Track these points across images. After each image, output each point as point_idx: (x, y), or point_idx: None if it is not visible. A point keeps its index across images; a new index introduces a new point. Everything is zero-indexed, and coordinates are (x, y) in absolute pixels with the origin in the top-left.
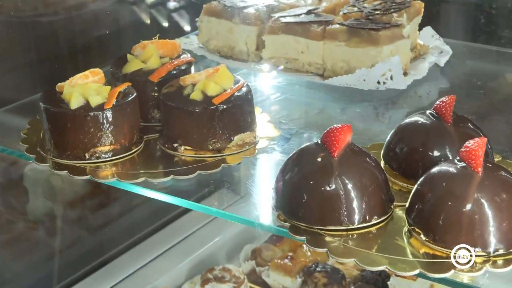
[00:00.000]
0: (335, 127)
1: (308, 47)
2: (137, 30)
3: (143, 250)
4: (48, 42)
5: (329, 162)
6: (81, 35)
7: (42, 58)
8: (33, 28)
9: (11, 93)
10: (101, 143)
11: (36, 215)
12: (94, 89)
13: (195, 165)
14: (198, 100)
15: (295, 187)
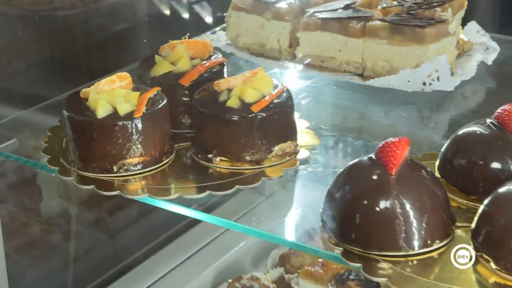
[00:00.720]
0: (392, 141)
1: (346, 45)
2: (158, 24)
3: (165, 256)
4: (64, 38)
5: (386, 180)
6: (98, 30)
7: (57, 55)
8: (48, 23)
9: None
10: (130, 154)
11: (50, 215)
12: (122, 96)
13: (232, 179)
14: (235, 108)
15: (348, 207)
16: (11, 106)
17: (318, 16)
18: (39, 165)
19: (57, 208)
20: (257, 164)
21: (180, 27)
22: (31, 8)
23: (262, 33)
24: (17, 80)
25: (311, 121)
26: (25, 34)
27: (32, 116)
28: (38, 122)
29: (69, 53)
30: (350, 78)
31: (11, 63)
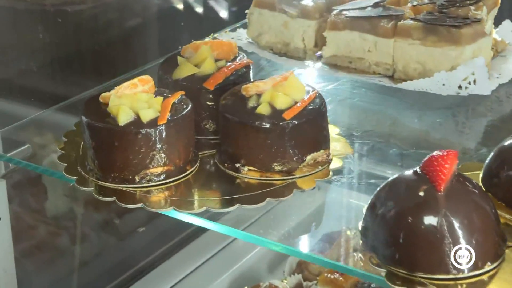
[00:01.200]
0: (439, 154)
1: (376, 45)
2: (172, 20)
3: (177, 262)
4: (76, 34)
5: (433, 197)
6: (111, 25)
7: (71, 52)
8: (56, 19)
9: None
10: (154, 164)
11: (56, 216)
12: (144, 101)
13: (263, 191)
14: (265, 115)
15: (392, 225)
16: (22, 104)
17: (346, 14)
18: (55, 174)
19: (63, 208)
20: (288, 175)
21: (195, 23)
22: (41, 2)
23: (286, 32)
24: (28, 77)
25: (341, 126)
26: (34, 30)
27: (45, 119)
28: (51, 125)
29: (82, 50)
30: (379, 80)
31: (21, 60)
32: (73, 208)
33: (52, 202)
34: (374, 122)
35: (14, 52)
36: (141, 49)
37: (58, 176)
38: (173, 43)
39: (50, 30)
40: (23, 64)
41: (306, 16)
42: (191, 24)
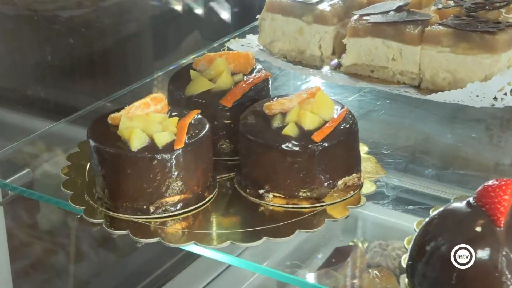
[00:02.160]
0: (496, 184)
1: (401, 53)
2: (173, 23)
3: (183, 281)
4: (69, 41)
5: (492, 233)
6: (109, 32)
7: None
8: (51, 24)
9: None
10: (170, 192)
11: (50, 231)
12: (158, 123)
13: (291, 221)
14: (293, 136)
15: (443, 264)
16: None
17: (368, 19)
18: (61, 204)
19: (57, 222)
20: (317, 202)
21: (199, 27)
22: (34, 7)
23: (301, 38)
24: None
25: (369, 144)
26: (28, 35)
27: (45, 138)
28: (53, 145)
29: (83, 58)
30: (405, 90)
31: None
32: (67, 221)
33: (45, 215)
34: (403, 137)
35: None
36: (143, 56)
37: (64, 206)
38: (177, 48)
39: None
40: (21, 75)
41: (323, 22)
42: (195, 28)
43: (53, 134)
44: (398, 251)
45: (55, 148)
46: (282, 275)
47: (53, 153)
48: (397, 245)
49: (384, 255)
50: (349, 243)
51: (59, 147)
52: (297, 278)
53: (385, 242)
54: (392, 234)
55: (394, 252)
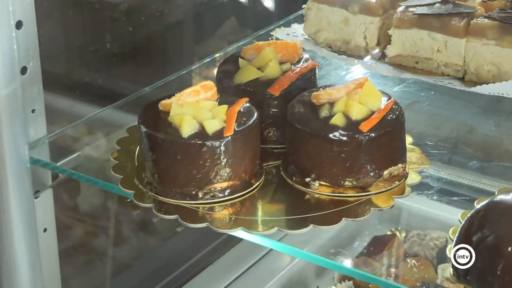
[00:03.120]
0: None
1: (446, 45)
2: (217, 11)
3: (222, 267)
4: (118, 27)
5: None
6: (154, 19)
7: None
8: (98, 10)
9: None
10: (218, 178)
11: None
12: (208, 110)
13: (337, 209)
14: (340, 126)
15: (490, 253)
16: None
17: (414, 11)
18: (111, 187)
19: (98, 206)
20: (362, 191)
21: (241, 15)
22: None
23: (346, 29)
24: (72, 73)
25: (413, 135)
26: (75, 20)
27: (94, 123)
28: (102, 130)
29: (128, 44)
30: (449, 82)
31: (64, 57)
32: (107, 205)
33: (86, 199)
34: (447, 129)
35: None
36: (187, 43)
37: (114, 190)
38: (221, 36)
39: (94, 24)
40: (68, 61)
41: (369, 12)
42: (240, 16)
43: (100, 119)
44: (436, 241)
45: (104, 133)
46: (324, 261)
47: (102, 138)
48: (435, 235)
49: (422, 244)
50: (387, 232)
51: (107, 132)
52: (337, 263)
53: (423, 232)
54: (432, 225)
55: (432, 242)
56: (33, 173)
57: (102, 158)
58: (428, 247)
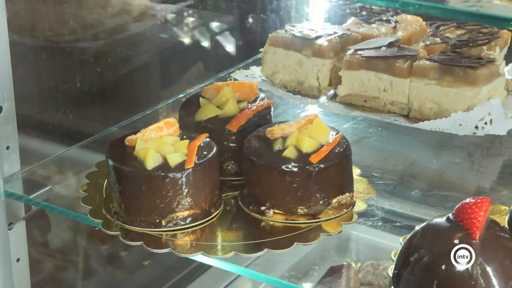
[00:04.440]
0: (472, 202)
1: (392, 85)
2: (181, 55)
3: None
4: (88, 70)
5: (468, 246)
6: (124, 62)
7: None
8: (68, 54)
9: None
10: (180, 208)
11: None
12: (171, 144)
13: (290, 235)
14: (292, 158)
15: (425, 273)
16: (40, 141)
17: (361, 54)
18: (80, 217)
19: (68, 241)
20: (313, 218)
21: (205, 59)
22: (53, 39)
23: (300, 71)
24: (45, 115)
25: (361, 167)
26: (47, 64)
27: (65, 159)
28: (72, 165)
29: (97, 86)
30: (395, 119)
31: (37, 98)
32: (77, 241)
33: (56, 235)
34: (393, 162)
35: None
36: (153, 85)
37: (82, 219)
38: (186, 78)
39: (66, 67)
40: (40, 101)
41: (321, 55)
42: (202, 59)
43: (70, 156)
44: (389, 270)
45: (74, 168)
46: (283, 283)
47: (72, 172)
48: (388, 265)
49: (376, 274)
50: (343, 262)
51: (77, 167)
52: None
53: (377, 262)
54: (382, 254)
55: (385, 271)
56: (7, 206)
57: (72, 191)
58: (381, 276)
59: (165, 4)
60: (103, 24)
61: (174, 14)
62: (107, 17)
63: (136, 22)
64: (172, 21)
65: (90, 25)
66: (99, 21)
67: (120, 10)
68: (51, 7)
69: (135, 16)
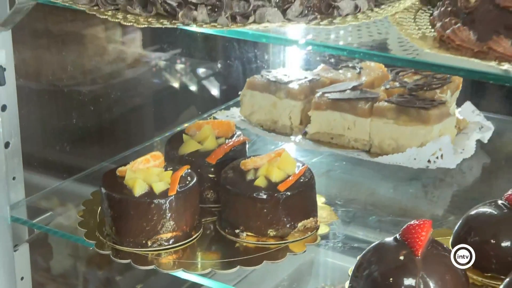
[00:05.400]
0: (416, 223)
1: (355, 124)
2: (171, 97)
3: None
4: (85, 111)
5: (412, 261)
6: (119, 104)
7: (83, 127)
8: (68, 97)
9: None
10: (164, 230)
11: (61, 274)
12: (156, 175)
13: (260, 254)
14: (262, 187)
15: (375, 285)
16: (43, 174)
17: (328, 96)
18: (76, 239)
19: (68, 266)
20: (281, 240)
21: (192, 101)
22: (55, 83)
23: (275, 111)
24: (47, 151)
25: (326, 196)
26: (49, 105)
27: (65, 189)
28: (70, 195)
29: (94, 125)
30: (358, 154)
31: (40, 134)
32: (76, 266)
33: (58, 261)
34: (354, 192)
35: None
36: (147, 125)
37: (79, 240)
38: (174, 118)
39: (66, 108)
40: (43, 138)
41: (293, 98)
42: (189, 101)
43: (67, 187)
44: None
45: (72, 197)
46: None
47: (70, 200)
48: None
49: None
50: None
51: (75, 196)
52: None
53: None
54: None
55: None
56: (13, 230)
57: (70, 217)
58: None
59: (157, 53)
60: (100, 70)
61: (165, 61)
62: (104, 64)
63: (130, 68)
64: (163, 67)
65: (88, 71)
66: (96, 67)
67: (116, 58)
68: (54, 55)
69: (129, 63)
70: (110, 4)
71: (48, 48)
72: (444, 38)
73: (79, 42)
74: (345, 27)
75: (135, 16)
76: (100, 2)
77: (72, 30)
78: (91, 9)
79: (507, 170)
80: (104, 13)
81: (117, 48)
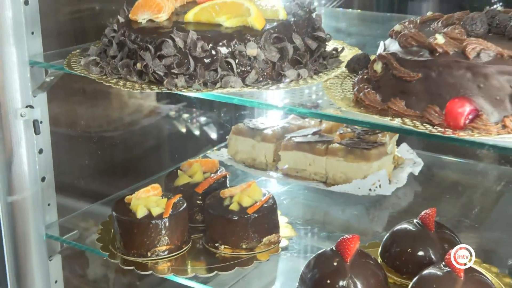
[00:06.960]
0: (347, 237)
1: (314, 161)
2: (177, 140)
3: None
4: (109, 152)
5: (342, 266)
6: (134, 146)
7: (104, 164)
8: (97, 140)
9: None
10: (160, 244)
11: (95, 279)
12: (154, 201)
13: (233, 262)
14: (235, 210)
15: (316, 287)
16: (72, 200)
17: (294, 140)
18: (94, 251)
19: (100, 274)
20: (250, 251)
21: (193, 143)
22: (88, 130)
23: (254, 151)
24: (75, 181)
25: (290, 217)
26: (79, 148)
27: (88, 212)
28: (92, 217)
29: (113, 162)
30: (317, 185)
31: (73, 169)
32: (107, 273)
33: (92, 269)
34: (312, 214)
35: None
36: (155, 162)
37: (96, 252)
38: (178, 158)
39: (93, 149)
40: (73, 173)
41: (267, 141)
42: (191, 142)
43: (90, 210)
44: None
45: (92, 218)
46: None
47: (91, 221)
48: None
49: None
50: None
51: (94, 218)
52: None
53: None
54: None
55: None
56: (48, 244)
57: (91, 234)
58: None
59: (168, 105)
60: (122, 120)
61: (173, 112)
62: (125, 115)
63: (146, 117)
64: (172, 116)
65: (112, 120)
66: (119, 117)
67: (135, 110)
68: (84, 109)
69: (145, 113)
70: (115, 74)
71: (80, 103)
72: (358, 99)
73: (106, 97)
74: (289, 90)
75: (132, 83)
76: (108, 72)
77: (100, 89)
78: (100, 78)
79: (432, 197)
80: (110, 81)
81: (136, 102)
